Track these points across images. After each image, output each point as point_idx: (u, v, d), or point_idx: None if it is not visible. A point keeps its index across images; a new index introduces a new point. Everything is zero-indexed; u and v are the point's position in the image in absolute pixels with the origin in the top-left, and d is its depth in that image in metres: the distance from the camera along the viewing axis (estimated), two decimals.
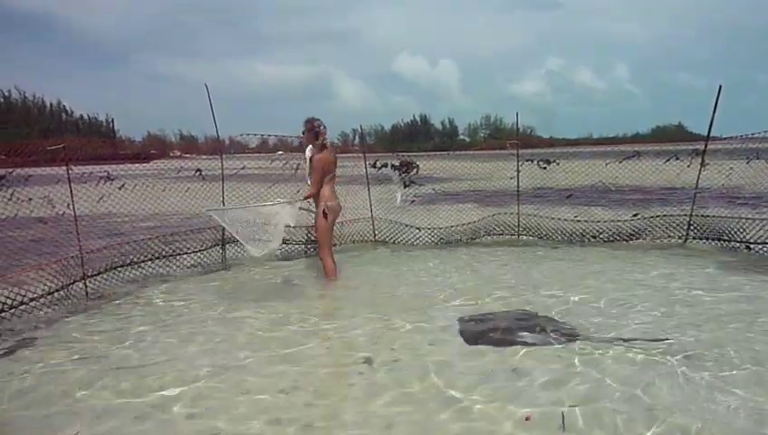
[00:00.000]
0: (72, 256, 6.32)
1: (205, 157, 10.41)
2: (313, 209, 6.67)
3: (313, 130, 6.53)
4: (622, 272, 6.80)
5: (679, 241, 8.41)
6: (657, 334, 4.47)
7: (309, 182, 6.52)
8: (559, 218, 9.16)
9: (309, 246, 8.55)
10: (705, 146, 8.25)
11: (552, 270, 7.05)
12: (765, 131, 7.66)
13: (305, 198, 6.49)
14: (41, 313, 5.56)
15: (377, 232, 9.30)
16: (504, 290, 6.07)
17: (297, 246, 8.57)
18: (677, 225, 8.53)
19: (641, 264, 7.21)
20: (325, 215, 6.47)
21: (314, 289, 6.54)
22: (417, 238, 9.23)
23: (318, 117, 6.61)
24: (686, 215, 8.51)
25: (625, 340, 4.36)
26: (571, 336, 4.46)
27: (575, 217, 9.28)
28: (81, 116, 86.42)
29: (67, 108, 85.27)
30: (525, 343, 4.35)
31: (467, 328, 4.79)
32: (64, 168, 6.30)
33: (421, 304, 5.61)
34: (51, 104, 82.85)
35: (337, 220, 6.94)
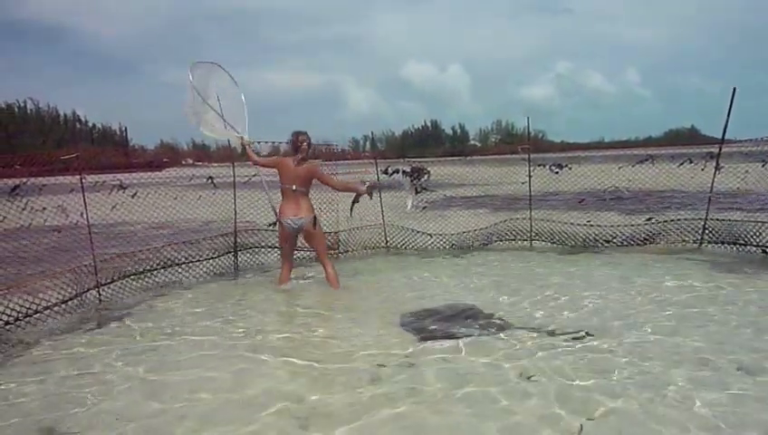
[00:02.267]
0: (86, 265, 6.36)
1: (216, 165, 10.45)
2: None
3: (294, 145, 6.58)
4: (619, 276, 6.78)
5: (694, 245, 8.31)
6: None
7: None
8: (572, 223, 9.08)
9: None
10: (720, 149, 8.15)
11: (554, 276, 6.98)
12: None
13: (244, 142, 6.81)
14: (54, 321, 5.59)
15: (388, 238, 9.29)
16: (502, 295, 6.09)
17: (308, 252, 8.58)
18: (692, 229, 8.42)
19: (646, 269, 7.15)
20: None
21: (315, 297, 6.49)
22: (429, 245, 9.20)
23: (304, 131, 6.64)
24: (700, 219, 8.40)
25: (549, 333, 4.71)
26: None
27: (588, 221, 9.21)
28: (95, 125, 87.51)
29: (81, 117, 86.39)
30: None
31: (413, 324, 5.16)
32: (78, 177, 6.35)
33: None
34: (65, 114, 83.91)
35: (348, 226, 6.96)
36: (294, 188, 6.48)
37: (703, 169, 8.39)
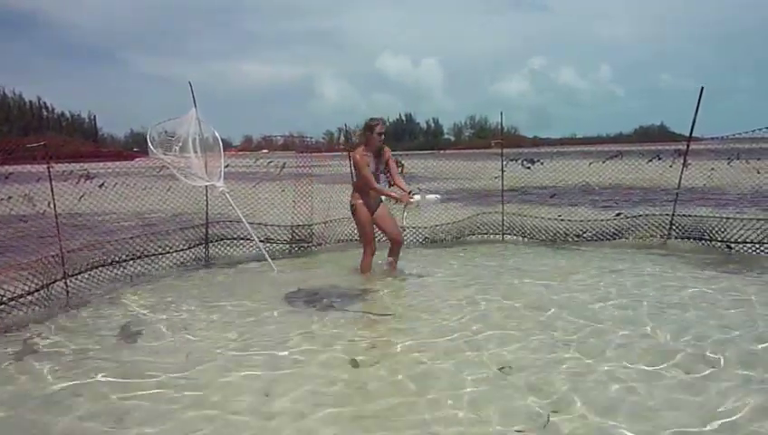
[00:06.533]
0: (53, 255, 6.23)
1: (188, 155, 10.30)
2: None
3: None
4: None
5: (661, 240, 8.49)
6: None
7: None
8: (543, 218, 9.19)
9: (293, 246, 8.60)
10: (688, 146, 8.32)
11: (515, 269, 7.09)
12: (745, 132, 7.78)
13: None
14: (20, 313, 5.47)
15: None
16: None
17: (281, 245, 8.58)
18: (660, 224, 8.60)
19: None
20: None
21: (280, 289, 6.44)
22: (402, 238, 9.19)
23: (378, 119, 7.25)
24: (668, 214, 8.58)
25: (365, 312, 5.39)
26: None
27: (559, 216, 9.32)
28: (63, 113, 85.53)
29: (48, 105, 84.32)
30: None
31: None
32: (45, 165, 6.20)
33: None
34: (30, 102, 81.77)
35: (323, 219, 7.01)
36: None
37: (671, 166, 8.56)
